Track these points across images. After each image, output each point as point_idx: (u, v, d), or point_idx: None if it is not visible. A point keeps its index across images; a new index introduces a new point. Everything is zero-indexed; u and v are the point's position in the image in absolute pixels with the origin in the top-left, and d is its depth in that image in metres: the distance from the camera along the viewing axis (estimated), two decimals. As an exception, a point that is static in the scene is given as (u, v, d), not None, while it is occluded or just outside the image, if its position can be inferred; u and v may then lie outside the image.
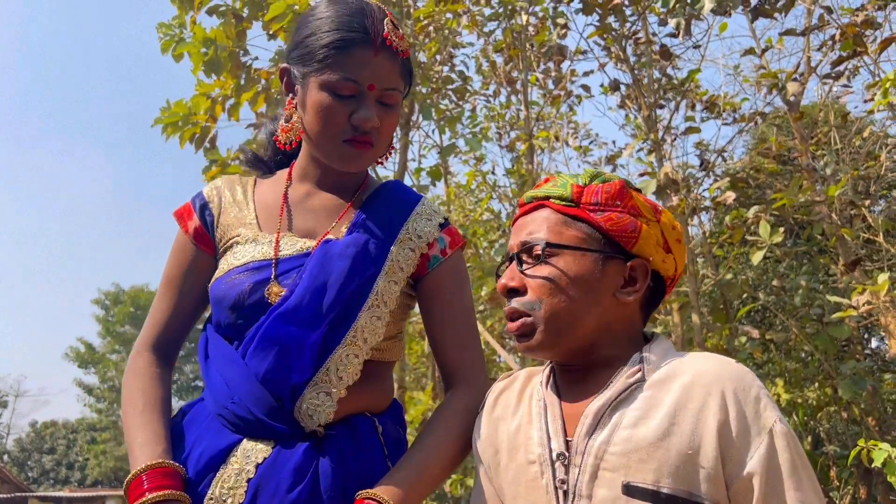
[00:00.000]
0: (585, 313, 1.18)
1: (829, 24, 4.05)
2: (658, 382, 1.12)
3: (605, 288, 1.18)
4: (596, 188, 1.21)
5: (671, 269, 1.25)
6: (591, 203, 1.20)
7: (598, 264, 1.18)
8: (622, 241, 1.19)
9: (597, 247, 1.19)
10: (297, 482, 1.24)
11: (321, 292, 1.32)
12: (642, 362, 1.16)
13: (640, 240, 1.20)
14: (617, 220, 1.19)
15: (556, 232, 1.20)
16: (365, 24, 1.33)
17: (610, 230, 1.19)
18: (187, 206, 1.50)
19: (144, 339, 1.46)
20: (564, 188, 1.23)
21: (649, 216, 1.22)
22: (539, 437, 1.16)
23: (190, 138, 4.25)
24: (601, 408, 1.12)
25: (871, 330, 7.19)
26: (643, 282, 1.20)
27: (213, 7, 3.97)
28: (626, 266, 1.20)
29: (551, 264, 1.19)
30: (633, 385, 1.12)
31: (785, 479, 1.03)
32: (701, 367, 1.11)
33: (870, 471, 5.85)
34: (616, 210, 1.20)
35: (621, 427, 1.09)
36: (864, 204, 4.49)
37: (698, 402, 1.07)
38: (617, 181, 1.22)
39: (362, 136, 1.35)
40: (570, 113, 6.14)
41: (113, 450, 33.59)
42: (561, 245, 1.19)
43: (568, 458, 1.12)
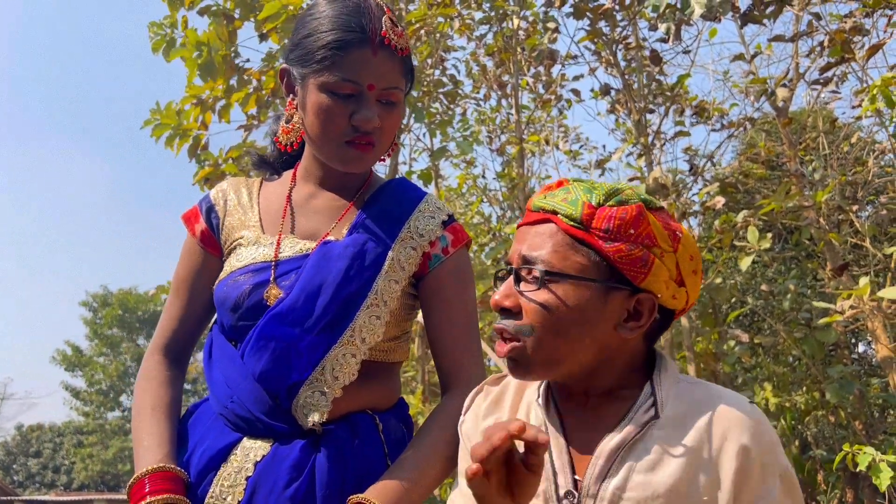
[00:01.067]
0: (581, 346, 1.10)
1: (818, 31, 4.09)
2: (673, 422, 1.07)
3: (605, 321, 1.10)
4: (609, 213, 1.09)
5: (681, 304, 1.16)
6: (601, 229, 1.09)
7: (600, 296, 1.09)
8: (630, 276, 1.09)
9: (601, 276, 1.09)
10: (293, 479, 1.25)
11: (316, 293, 1.32)
12: (654, 395, 1.09)
13: (651, 275, 1.09)
14: (627, 253, 1.08)
15: (561, 256, 1.10)
16: (363, 24, 1.32)
17: (618, 263, 1.09)
18: (194, 210, 1.51)
19: (156, 342, 1.47)
20: (575, 207, 1.11)
21: (665, 246, 1.11)
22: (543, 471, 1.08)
23: (181, 146, 4.25)
24: (613, 449, 1.06)
25: (857, 335, 7.24)
26: (648, 317, 1.11)
27: (204, 7, 3.97)
28: (631, 299, 1.11)
29: (550, 290, 1.09)
30: (646, 424, 1.07)
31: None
32: (717, 409, 1.06)
33: (856, 475, 5.89)
34: (628, 240, 1.09)
35: (636, 472, 1.04)
36: (852, 209, 4.52)
37: (716, 450, 1.03)
38: (634, 206, 1.11)
39: (363, 136, 1.35)
40: (561, 117, 6.17)
41: (99, 453, 33.38)
42: (562, 274, 1.09)
43: (577, 497, 1.07)
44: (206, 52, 3.89)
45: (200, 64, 3.91)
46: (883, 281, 4.53)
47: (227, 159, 4.35)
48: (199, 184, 4.40)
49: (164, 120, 4.14)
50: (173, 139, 4.19)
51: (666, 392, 1.10)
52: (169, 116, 4.17)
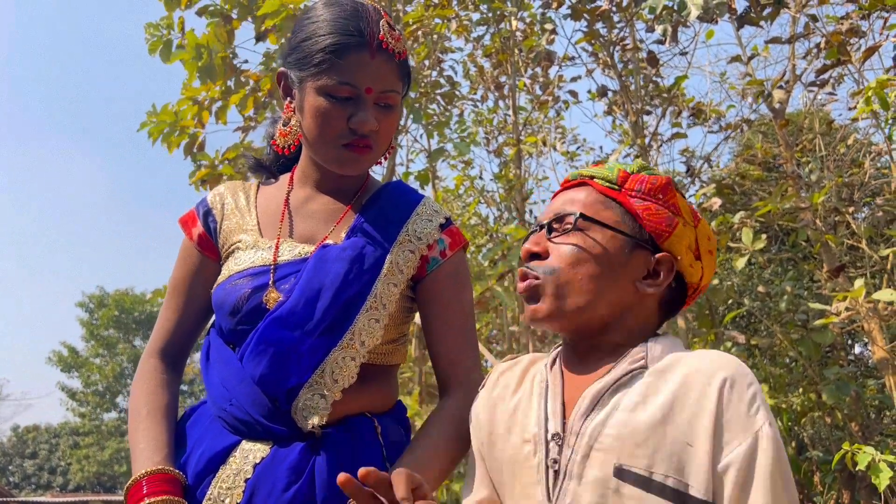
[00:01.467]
0: (600, 293, 1.16)
1: (815, 33, 4.10)
2: (659, 371, 1.11)
3: (626, 274, 1.17)
4: (642, 177, 1.20)
5: (697, 277, 1.23)
6: (633, 189, 1.19)
7: (625, 249, 1.17)
8: (655, 234, 1.18)
9: (629, 232, 1.18)
10: (292, 481, 1.25)
11: (316, 297, 1.32)
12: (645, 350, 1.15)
13: (673, 237, 1.18)
14: (655, 212, 1.18)
15: (593, 209, 1.19)
16: (360, 27, 1.32)
17: (646, 219, 1.18)
18: (192, 213, 1.51)
19: (152, 344, 1.47)
20: (611, 171, 1.22)
21: (688, 219, 1.21)
22: (537, 417, 1.15)
23: (179, 145, 4.24)
24: (600, 390, 1.11)
25: (854, 336, 7.25)
26: (666, 277, 1.18)
27: (202, 8, 3.97)
28: (652, 258, 1.18)
29: (581, 235, 1.17)
30: (634, 371, 1.11)
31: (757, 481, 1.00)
32: (703, 360, 1.10)
33: (853, 476, 5.90)
34: (657, 202, 1.19)
35: (618, 410, 1.08)
36: (848, 211, 4.53)
37: (696, 394, 1.06)
38: (665, 177, 1.22)
39: (361, 139, 1.35)
40: (558, 118, 6.17)
41: (95, 454, 33.32)
42: (594, 220, 1.18)
43: (562, 438, 1.10)
44: (205, 54, 3.89)
45: (200, 66, 3.90)
46: (879, 282, 4.54)
47: (223, 160, 4.35)
48: (195, 185, 4.40)
49: (160, 117, 4.14)
50: (170, 136, 4.18)
51: (659, 350, 1.15)
52: (165, 116, 4.17)
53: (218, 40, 3.91)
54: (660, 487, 1.02)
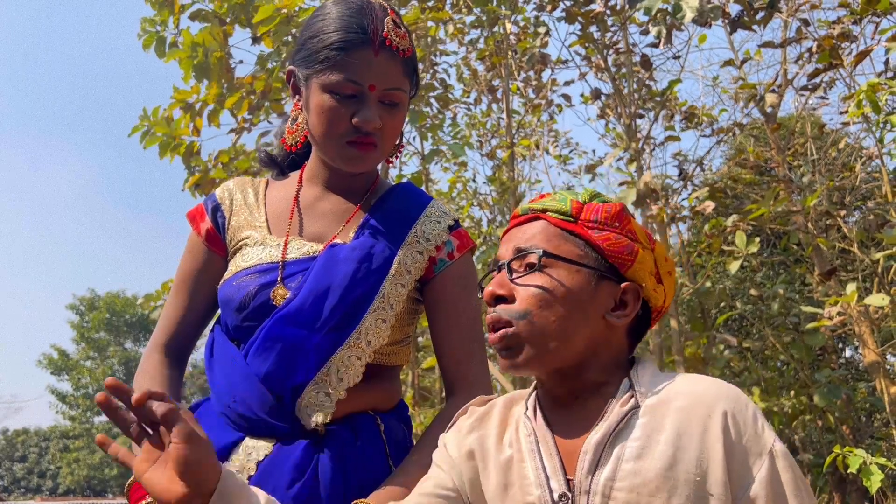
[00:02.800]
0: (574, 331, 1.13)
1: (807, 37, 4.12)
2: (653, 408, 1.08)
3: (595, 308, 1.14)
4: (596, 206, 1.18)
5: (660, 300, 1.21)
6: (589, 220, 1.16)
7: (591, 282, 1.14)
8: (618, 263, 1.15)
9: (593, 265, 1.15)
10: (296, 479, 1.25)
11: (324, 295, 1.32)
12: (633, 388, 1.12)
13: (636, 264, 1.16)
14: (615, 241, 1.15)
15: (554, 244, 1.15)
16: (364, 24, 1.32)
17: (607, 250, 1.15)
18: (200, 208, 1.51)
19: (155, 339, 1.47)
20: (564, 203, 1.19)
21: (645, 243, 1.19)
22: (536, 477, 1.10)
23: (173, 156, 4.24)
24: (600, 441, 1.07)
25: (845, 339, 7.28)
26: (634, 306, 1.15)
27: (194, 13, 3.96)
28: (618, 288, 1.16)
29: (546, 273, 1.13)
30: (628, 414, 1.08)
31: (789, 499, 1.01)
32: (696, 389, 1.08)
33: (844, 479, 5.92)
34: (614, 231, 1.16)
35: (624, 460, 1.05)
36: (840, 214, 4.55)
37: (700, 426, 1.04)
38: (617, 203, 1.19)
39: (365, 137, 1.35)
40: (551, 121, 6.19)
41: (86, 458, 33.16)
42: (558, 256, 1.14)
43: (571, 498, 1.07)
44: (200, 52, 3.89)
45: (195, 64, 3.90)
46: (870, 286, 4.56)
47: (216, 164, 4.34)
48: (189, 189, 4.39)
49: (156, 129, 4.12)
50: (166, 149, 4.17)
51: (644, 383, 1.12)
52: (158, 124, 4.15)
53: (214, 39, 3.90)
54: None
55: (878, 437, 6.22)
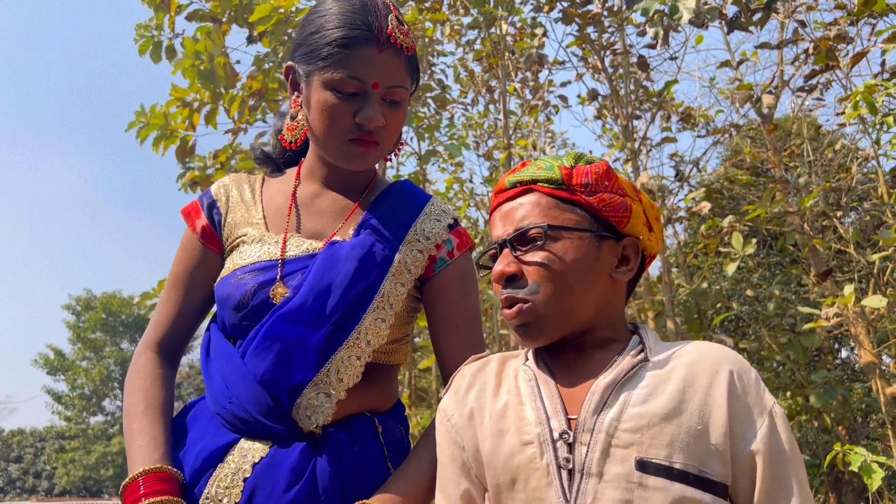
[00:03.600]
0: (586, 296, 1.16)
1: (803, 38, 4.12)
2: (662, 362, 1.12)
3: (601, 269, 1.17)
4: (584, 169, 1.19)
5: (655, 247, 1.25)
6: (581, 185, 1.18)
7: (594, 246, 1.17)
8: (615, 222, 1.18)
9: (592, 228, 1.17)
10: (293, 482, 1.24)
11: (325, 294, 1.31)
12: (642, 343, 1.16)
13: (632, 219, 1.19)
14: (609, 201, 1.18)
15: (552, 216, 1.17)
16: (369, 21, 1.31)
17: (603, 211, 1.18)
18: (195, 205, 1.49)
19: (148, 338, 1.45)
20: (552, 171, 1.20)
21: (633, 196, 1.22)
22: (536, 417, 1.12)
23: (167, 147, 4.23)
24: (608, 385, 1.10)
25: (840, 340, 7.29)
26: (635, 260, 1.20)
27: (191, 14, 3.96)
28: (618, 245, 1.20)
29: (549, 248, 1.16)
30: (637, 365, 1.12)
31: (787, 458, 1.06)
32: (703, 348, 1.13)
33: (840, 479, 5.93)
34: (606, 191, 1.18)
35: (630, 404, 1.08)
36: (836, 215, 4.56)
37: (706, 380, 1.09)
38: (602, 162, 1.21)
39: (367, 134, 1.34)
40: (548, 122, 6.19)
41: (82, 458, 33.07)
42: (561, 227, 1.16)
43: (572, 436, 1.09)
44: (206, 59, 3.88)
45: (201, 71, 3.89)
46: (866, 286, 4.57)
47: (214, 163, 4.33)
48: (185, 187, 4.38)
49: (150, 121, 4.12)
50: (160, 140, 4.16)
51: (653, 342, 1.17)
52: (155, 118, 4.14)
53: (214, 44, 3.90)
54: (682, 475, 1.03)
55: (873, 438, 6.23)
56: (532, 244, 1.17)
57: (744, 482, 1.06)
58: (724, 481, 1.05)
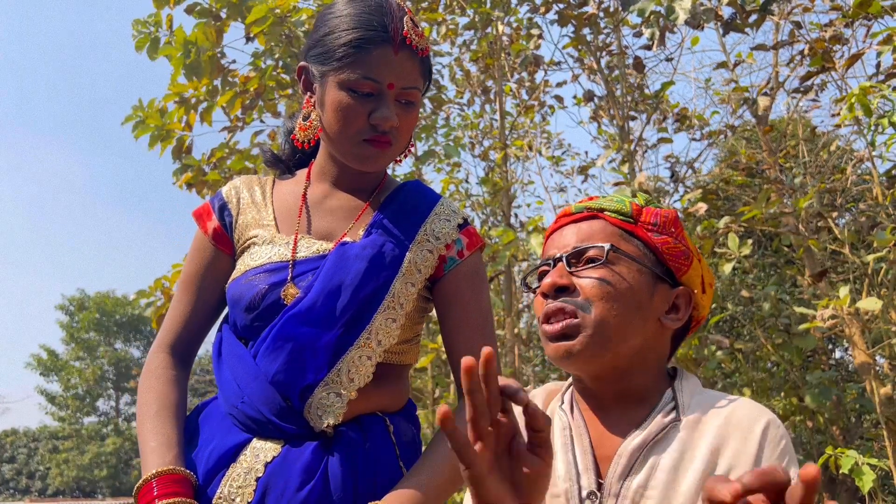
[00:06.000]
0: (632, 328, 1.12)
1: (799, 40, 4.14)
2: (693, 424, 1.08)
3: (652, 309, 1.14)
4: (654, 210, 1.19)
5: (703, 310, 1.23)
6: (649, 223, 1.17)
7: (650, 282, 1.14)
8: (674, 268, 1.17)
9: (651, 266, 1.15)
10: (305, 481, 1.24)
11: (336, 294, 1.31)
12: (675, 400, 1.12)
13: (691, 269, 1.18)
14: (672, 246, 1.16)
15: (615, 242, 1.15)
16: (384, 23, 1.32)
17: (665, 253, 1.16)
18: (206, 207, 1.50)
19: (161, 339, 1.45)
20: (622, 204, 1.19)
21: (695, 253, 1.20)
22: (566, 471, 1.11)
23: (164, 147, 4.22)
24: (637, 448, 1.07)
25: (834, 341, 7.32)
26: (686, 310, 1.17)
27: (190, 6, 3.95)
28: (672, 292, 1.17)
29: (609, 269, 1.13)
30: (668, 426, 1.09)
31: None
32: (733, 412, 1.09)
33: (833, 480, 5.95)
34: (671, 236, 1.17)
35: (659, 470, 1.05)
36: (831, 216, 4.58)
37: (735, 445, 1.05)
38: (672, 210, 1.21)
39: (381, 135, 1.34)
40: (544, 123, 6.20)
41: (75, 459, 32.99)
42: (625, 253, 1.14)
43: (599, 497, 1.07)
44: (193, 51, 3.87)
45: (187, 63, 3.88)
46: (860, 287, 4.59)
47: (210, 162, 4.33)
48: (181, 186, 4.37)
49: (147, 120, 4.11)
50: (156, 140, 4.15)
51: (687, 397, 1.13)
52: (152, 116, 4.13)
53: (206, 39, 3.89)
54: None
55: (867, 438, 6.25)
56: (591, 263, 1.15)
57: None
58: None
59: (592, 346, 1.11)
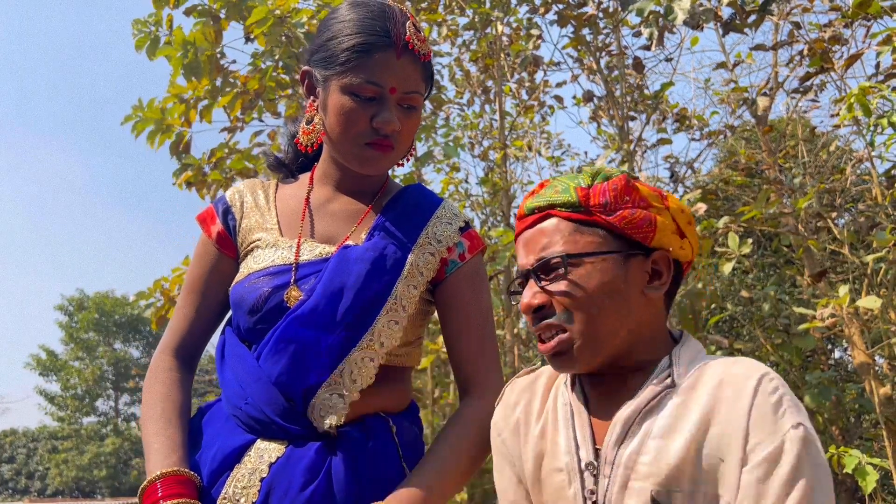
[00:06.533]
0: (619, 319, 1.12)
1: (798, 40, 4.14)
2: (687, 388, 1.08)
3: (632, 288, 1.13)
4: (601, 188, 1.15)
5: (689, 254, 1.20)
6: (599, 205, 1.14)
7: (620, 266, 1.13)
8: (640, 237, 1.14)
9: (615, 248, 1.14)
10: (309, 481, 1.25)
11: (338, 296, 1.33)
12: (671, 367, 1.12)
13: (658, 232, 1.15)
14: (630, 217, 1.13)
15: (572, 242, 1.14)
16: (387, 28, 1.34)
17: (625, 229, 1.14)
18: (210, 211, 1.51)
19: (166, 342, 1.47)
20: (568, 193, 1.16)
21: (658, 205, 1.17)
22: (566, 445, 1.12)
23: (162, 142, 4.21)
24: (630, 416, 1.08)
25: (834, 341, 7.32)
26: (668, 273, 1.16)
27: (189, 8, 3.95)
28: (647, 260, 1.15)
29: (572, 277, 1.12)
30: (662, 392, 1.09)
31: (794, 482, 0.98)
32: (727, 371, 1.07)
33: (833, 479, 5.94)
34: (627, 207, 1.14)
35: (651, 437, 1.05)
36: (830, 216, 4.58)
37: (728, 406, 1.03)
38: (620, 175, 1.16)
39: (383, 139, 1.36)
40: (543, 123, 6.20)
41: (74, 459, 32.96)
42: (581, 254, 1.13)
43: (597, 467, 1.08)
44: (192, 51, 3.87)
45: (186, 63, 3.88)
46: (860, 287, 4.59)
47: (210, 162, 4.32)
48: (180, 186, 4.37)
49: (146, 113, 4.10)
50: (155, 134, 4.15)
51: (684, 363, 1.12)
52: (151, 112, 4.13)
53: (206, 39, 3.89)
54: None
55: (867, 438, 6.25)
56: (555, 272, 1.14)
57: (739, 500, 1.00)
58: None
59: (587, 352, 1.12)
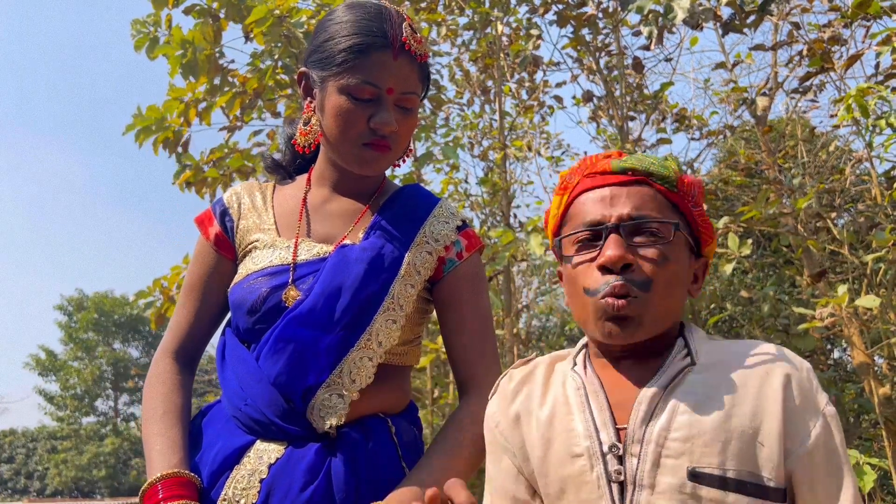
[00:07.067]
0: (679, 303, 1.13)
1: (797, 40, 4.14)
2: (709, 365, 1.09)
3: (689, 281, 1.15)
4: (690, 179, 1.14)
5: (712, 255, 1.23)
6: (690, 194, 1.13)
7: (689, 256, 1.14)
8: (703, 240, 1.15)
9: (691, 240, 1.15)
10: (309, 482, 1.25)
11: (336, 296, 1.33)
12: (688, 346, 1.12)
13: (713, 242, 1.17)
14: (705, 219, 1.14)
15: (667, 216, 1.11)
16: (384, 29, 1.34)
17: (701, 226, 1.14)
18: (208, 213, 1.51)
19: (166, 344, 1.47)
20: (668, 170, 1.13)
21: None
22: (585, 429, 1.09)
23: (163, 143, 4.22)
24: (655, 393, 1.07)
25: (833, 341, 7.32)
26: (703, 280, 1.18)
27: (188, 7, 3.95)
28: (696, 263, 1.17)
29: (671, 244, 1.10)
30: (684, 370, 1.08)
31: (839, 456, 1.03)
32: (754, 348, 1.09)
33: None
34: (701, 208, 1.14)
35: (679, 412, 1.04)
36: (830, 216, 4.58)
37: (758, 382, 1.05)
38: (699, 178, 1.18)
39: (380, 139, 1.36)
40: (543, 123, 6.20)
41: (74, 459, 32.96)
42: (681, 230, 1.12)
43: (621, 448, 1.06)
44: (190, 50, 3.87)
45: (184, 63, 3.89)
46: (859, 287, 4.59)
47: (208, 162, 4.33)
48: (180, 186, 4.37)
49: (145, 114, 4.10)
50: (158, 143, 4.15)
51: (698, 344, 1.13)
52: (152, 113, 4.13)
53: (204, 38, 3.89)
54: (737, 484, 1.00)
55: (866, 438, 6.25)
56: (650, 237, 1.10)
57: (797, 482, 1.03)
58: (780, 486, 1.01)
59: (650, 323, 1.09)
